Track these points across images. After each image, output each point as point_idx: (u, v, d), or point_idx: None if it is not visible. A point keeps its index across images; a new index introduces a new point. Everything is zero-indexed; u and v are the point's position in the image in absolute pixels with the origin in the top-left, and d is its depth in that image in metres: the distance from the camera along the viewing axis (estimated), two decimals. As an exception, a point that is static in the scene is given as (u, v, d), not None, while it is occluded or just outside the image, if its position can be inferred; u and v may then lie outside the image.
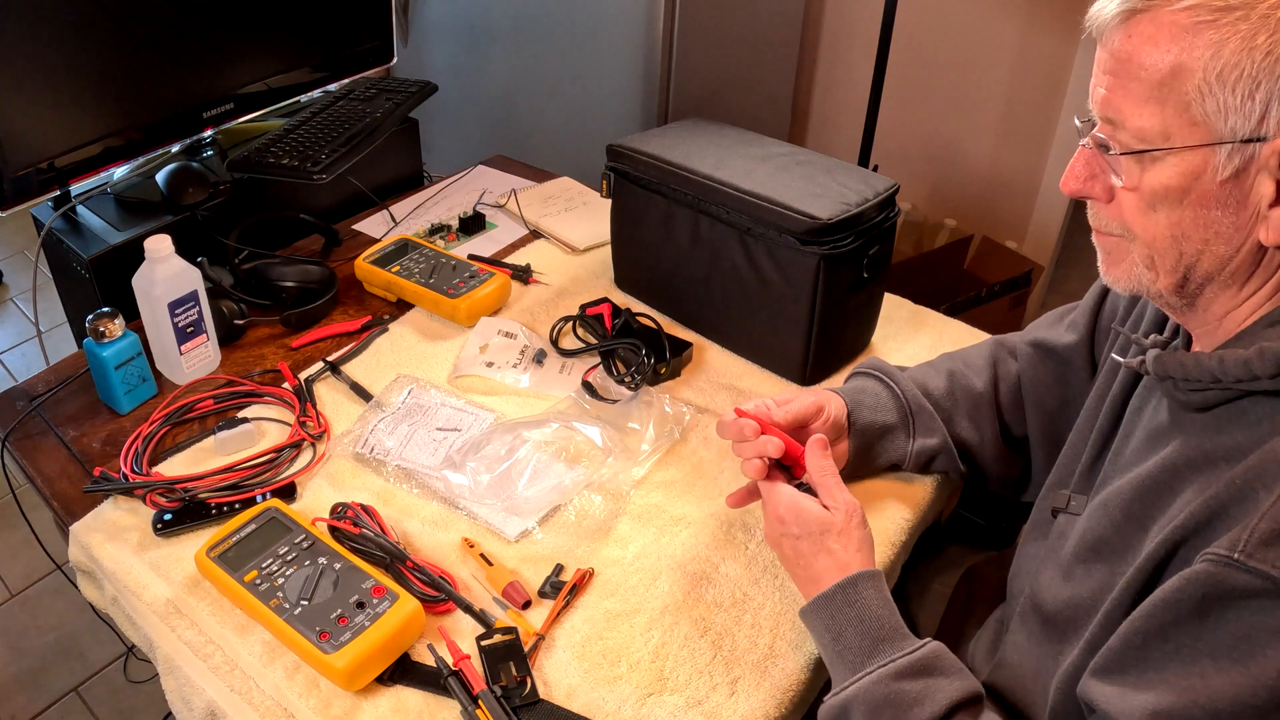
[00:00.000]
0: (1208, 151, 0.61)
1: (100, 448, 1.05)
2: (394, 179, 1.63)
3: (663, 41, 1.87)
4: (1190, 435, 0.67)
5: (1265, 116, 0.58)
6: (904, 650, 0.75)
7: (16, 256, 2.85)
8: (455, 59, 2.24)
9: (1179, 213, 0.63)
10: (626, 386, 1.11)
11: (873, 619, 0.78)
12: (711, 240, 1.16)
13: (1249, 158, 0.60)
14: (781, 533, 0.85)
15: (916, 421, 0.98)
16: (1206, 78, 0.59)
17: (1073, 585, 0.73)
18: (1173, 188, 0.63)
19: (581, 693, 0.81)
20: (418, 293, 1.26)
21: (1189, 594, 0.59)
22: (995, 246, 2.35)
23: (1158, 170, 0.63)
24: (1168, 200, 0.63)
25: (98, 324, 1.03)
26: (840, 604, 0.79)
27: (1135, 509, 0.69)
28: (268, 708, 0.79)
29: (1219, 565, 0.57)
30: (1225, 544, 0.58)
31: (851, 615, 0.78)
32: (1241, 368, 0.62)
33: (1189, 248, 0.64)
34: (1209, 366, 0.64)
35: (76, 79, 1.22)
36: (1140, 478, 0.69)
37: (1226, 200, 0.62)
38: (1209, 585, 0.58)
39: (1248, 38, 0.57)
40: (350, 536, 0.90)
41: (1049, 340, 0.96)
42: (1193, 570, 0.59)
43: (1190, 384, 0.66)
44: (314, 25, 1.50)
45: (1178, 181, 0.62)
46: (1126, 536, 0.69)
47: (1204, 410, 0.67)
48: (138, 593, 0.88)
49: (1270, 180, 0.60)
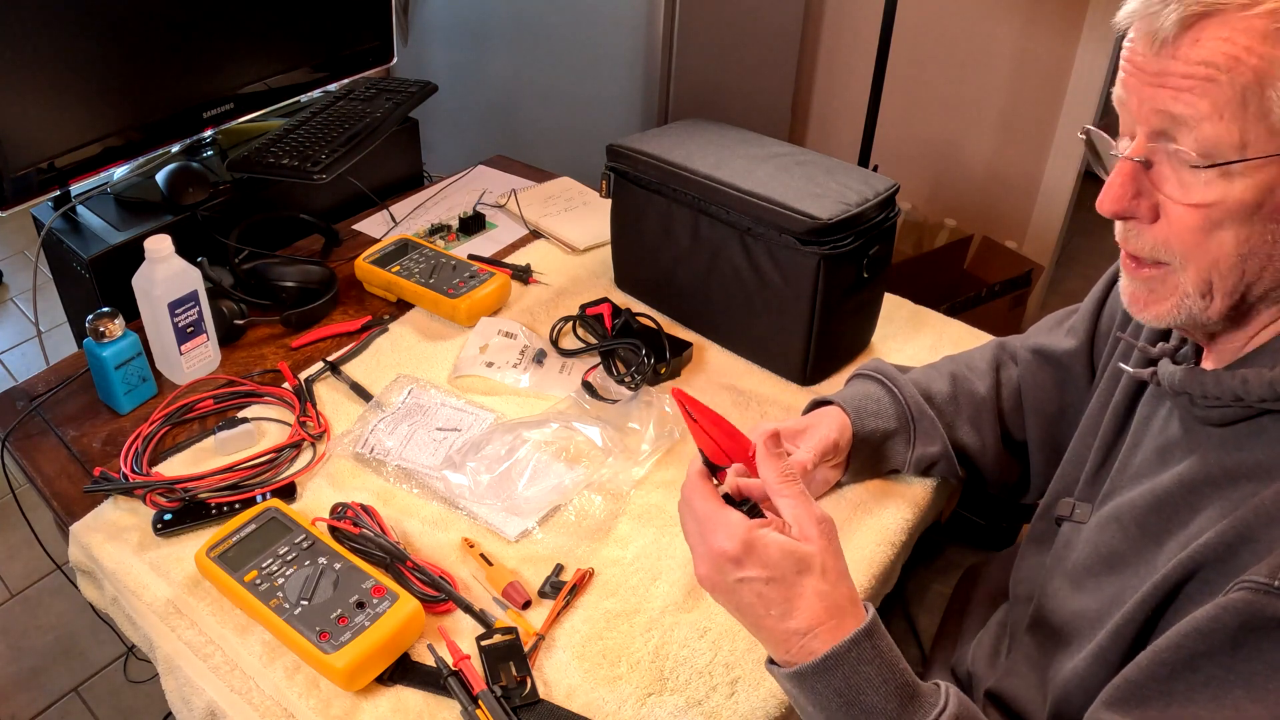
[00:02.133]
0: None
1: (100, 448, 1.04)
2: (394, 179, 1.63)
3: (663, 41, 1.87)
4: (1208, 450, 0.65)
5: None
6: (938, 706, 0.64)
7: (16, 256, 2.85)
8: (455, 59, 2.24)
9: (1248, 229, 0.59)
10: (626, 386, 1.11)
11: (896, 674, 0.64)
12: (711, 240, 1.16)
13: None
14: (736, 576, 0.64)
15: (918, 429, 0.98)
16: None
17: (1083, 597, 0.73)
18: (1247, 202, 0.58)
19: (581, 693, 0.81)
20: (418, 293, 1.26)
21: (1225, 623, 0.56)
22: (995, 246, 2.35)
23: (1231, 184, 0.58)
24: (1237, 216, 0.59)
25: (98, 324, 1.03)
26: (855, 662, 0.63)
27: (1150, 523, 0.68)
28: (268, 708, 0.79)
29: (1259, 594, 0.55)
30: (1265, 570, 0.55)
31: (871, 674, 0.63)
32: (1267, 388, 0.61)
33: (1252, 265, 0.61)
34: (1232, 386, 0.63)
35: (76, 79, 1.22)
36: (1155, 491, 0.68)
37: None
38: (1247, 614, 0.55)
39: None
40: (350, 536, 0.90)
41: (1048, 346, 0.96)
42: (1229, 599, 0.56)
43: (1209, 400, 0.65)
44: (314, 25, 1.50)
45: (1253, 195, 0.58)
46: (1140, 550, 0.68)
47: (1220, 425, 0.65)
48: (138, 593, 0.88)
49: None
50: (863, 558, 0.93)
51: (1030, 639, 0.79)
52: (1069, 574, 0.75)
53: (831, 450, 0.94)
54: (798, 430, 0.95)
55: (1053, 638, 0.76)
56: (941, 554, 1.10)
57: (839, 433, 0.95)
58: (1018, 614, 0.85)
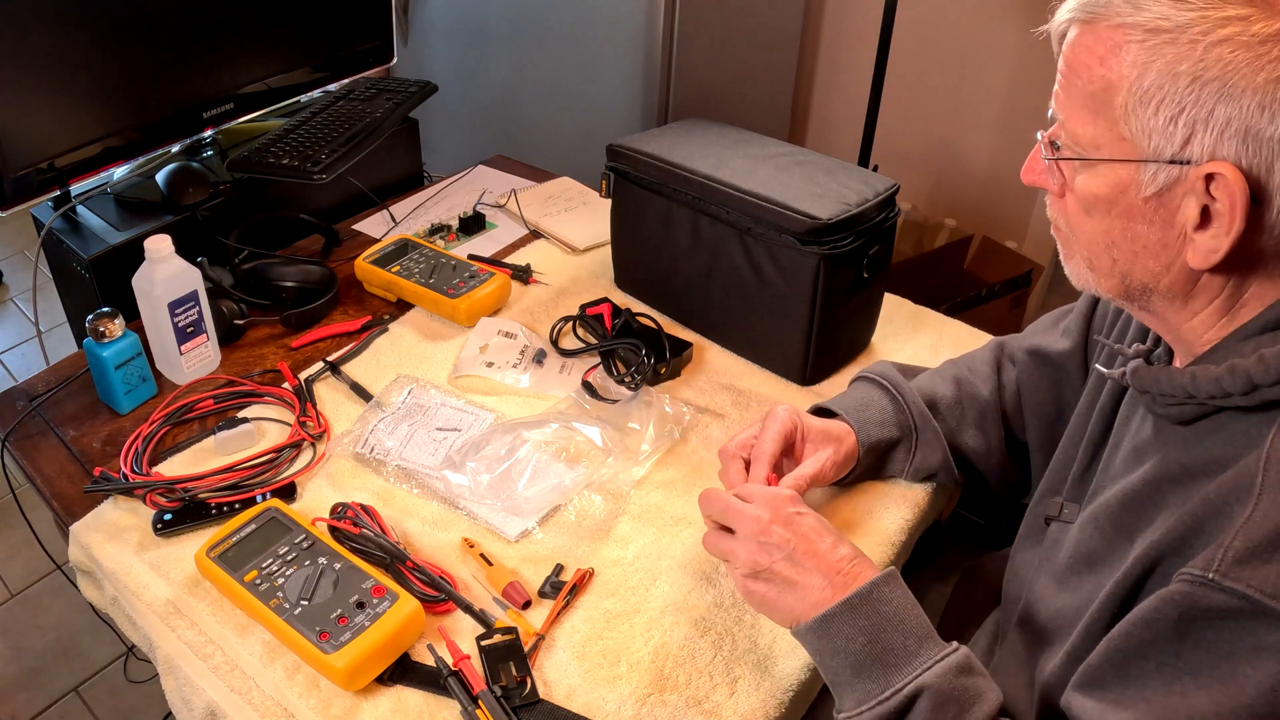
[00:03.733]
0: (1133, 167, 0.61)
1: (100, 448, 1.04)
2: (394, 179, 1.63)
3: (663, 41, 1.87)
4: (1171, 449, 0.67)
5: (1189, 141, 0.58)
6: (952, 648, 0.72)
7: (16, 256, 2.85)
8: (455, 59, 2.24)
9: (1109, 221, 0.65)
10: (626, 386, 1.11)
11: (913, 617, 0.73)
12: (711, 240, 1.16)
13: (1174, 179, 0.60)
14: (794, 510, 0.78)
15: (920, 439, 0.98)
16: (1131, 97, 0.59)
17: (1065, 596, 0.74)
18: (1101, 196, 0.64)
19: (581, 693, 0.81)
20: (418, 293, 1.26)
21: (1166, 614, 0.59)
22: (995, 246, 2.35)
23: (1089, 177, 0.64)
24: (1098, 207, 0.65)
25: (98, 324, 1.03)
26: (876, 602, 0.72)
27: (1123, 521, 0.69)
28: (268, 708, 0.79)
29: (1194, 585, 0.57)
30: (1200, 563, 0.57)
31: (889, 613, 0.72)
32: (1213, 384, 0.62)
33: (1120, 255, 0.65)
34: (1182, 382, 0.64)
35: (76, 79, 1.22)
36: (1125, 490, 0.69)
37: (1152, 217, 0.62)
38: (1185, 605, 0.58)
39: (1172, 63, 0.57)
40: (350, 536, 0.90)
41: (1045, 347, 0.96)
42: (1169, 590, 0.59)
43: (1167, 398, 0.66)
44: (314, 25, 1.50)
45: (1105, 191, 0.63)
46: (1114, 549, 0.69)
47: (1184, 424, 0.67)
48: (138, 593, 0.88)
49: (1196, 204, 0.60)
50: (863, 558, 0.93)
51: (1019, 638, 0.80)
52: (1054, 573, 0.76)
53: (832, 472, 0.95)
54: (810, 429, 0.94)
55: (1038, 637, 0.76)
56: (941, 554, 1.10)
57: (846, 457, 0.95)
58: (1008, 613, 0.86)
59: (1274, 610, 0.54)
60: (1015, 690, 0.78)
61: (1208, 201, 0.59)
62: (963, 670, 0.70)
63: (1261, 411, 0.61)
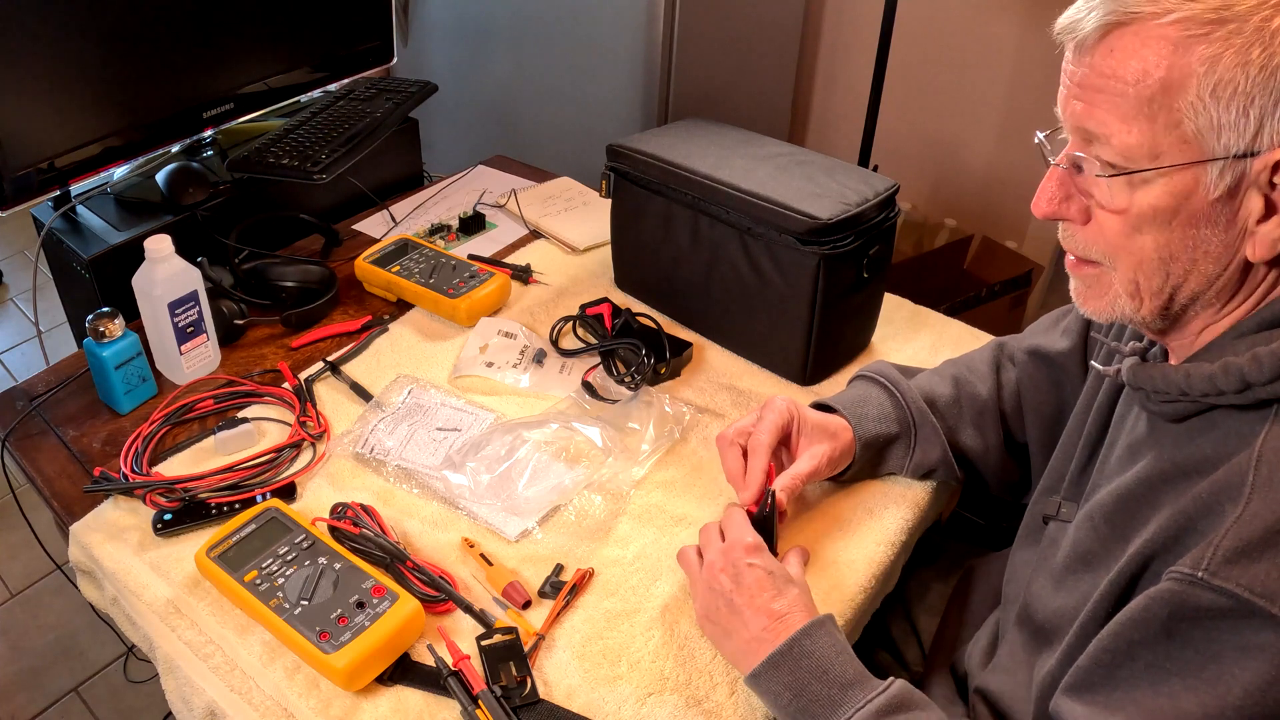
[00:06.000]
0: (1199, 170, 0.59)
1: (100, 448, 1.04)
2: (394, 179, 1.63)
3: (663, 41, 1.87)
4: (1165, 447, 0.66)
5: (1260, 132, 0.57)
6: (882, 687, 0.73)
7: (16, 256, 2.85)
8: (455, 59, 2.24)
9: (1167, 234, 0.62)
10: (626, 386, 1.11)
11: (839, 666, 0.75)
12: (711, 240, 1.16)
13: (1240, 174, 0.58)
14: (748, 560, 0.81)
15: (919, 435, 0.98)
16: (1200, 94, 0.57)
17: (1062, 595, 0.73)
18: (1161, 208, 0.61)
19: (581, 693, 0.81)
20: (418, 293, 1.26)
21: (1155, 613, 0.58)
22: (995, 246, 2.35)
23: (1146, 191, 0.61)
24: (1155, 222, 0.61)
25: (98, 324, 1.03)
26: (797, 657, 0.75)
27: (1117, 520, 0.69)
28: (268, 708, 0.79)
29: (1183, 584, 0.57)
30: (1189, 562, 0.57)
31: (810, 666, 0.75)
32: (1207, 383, 0.62)
33: (1176, 269, 0.63)
34: (1176, 380, 0.64)
35: (76, 79, 1.22)
36: (1120, 489, 0.69)
37: (1216, 218, 0.60)
38: (1174, 605, 0.57)
39: (1242, 52, 0.55)
40: (350, 536, 0.90)
41: (1044, 347, 0.96)
42: (1158, 589, 0.58)
43: (1161, 395, 0.66)
44: (314, 25, 1.50)
45: (1167, 202, 0.60)
46: (1110, 548, 0.69)
47: (1178, 421, 0.66)
48: (138, 593, 0.88)
49: (1259, 196, 0.59)
50: (863, 557, 0.93)
51: (1017, 637, 0.80)
52: (1052, 573, 0.76)
53: (828, 468, 0.95)
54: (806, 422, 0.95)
55: (1036, 636, 0.76)
56: (942, 554, 1.10)
57: (842, 454, 0.96)
58: (1007, 612, 0.86)
59: (1263, 610, 0.54)
60: (1014, 690, 0.78)
61: (1268, 191, 0.58)
62: (893, 709, 0.71)
63: (1254, 410, 0.61)
